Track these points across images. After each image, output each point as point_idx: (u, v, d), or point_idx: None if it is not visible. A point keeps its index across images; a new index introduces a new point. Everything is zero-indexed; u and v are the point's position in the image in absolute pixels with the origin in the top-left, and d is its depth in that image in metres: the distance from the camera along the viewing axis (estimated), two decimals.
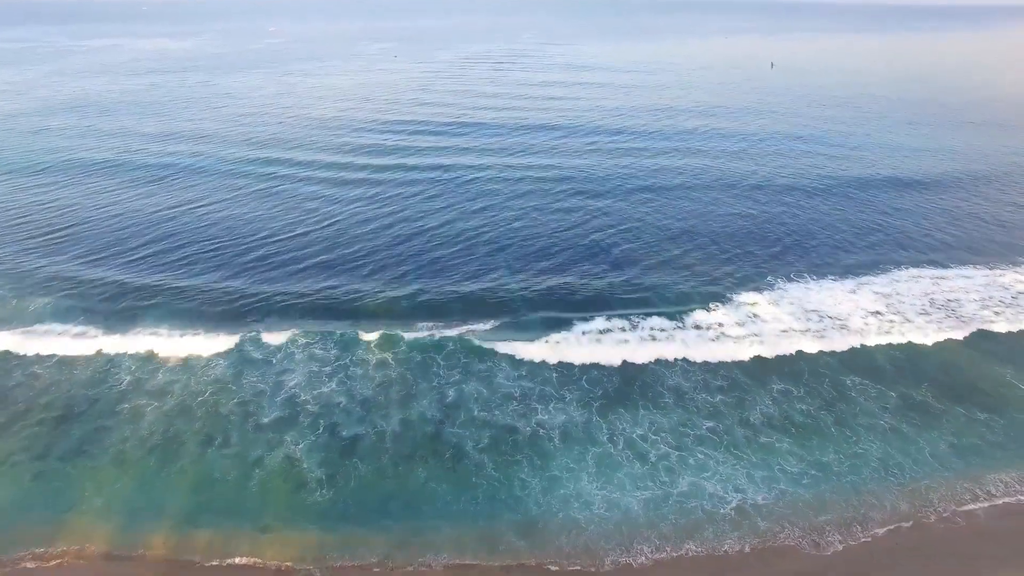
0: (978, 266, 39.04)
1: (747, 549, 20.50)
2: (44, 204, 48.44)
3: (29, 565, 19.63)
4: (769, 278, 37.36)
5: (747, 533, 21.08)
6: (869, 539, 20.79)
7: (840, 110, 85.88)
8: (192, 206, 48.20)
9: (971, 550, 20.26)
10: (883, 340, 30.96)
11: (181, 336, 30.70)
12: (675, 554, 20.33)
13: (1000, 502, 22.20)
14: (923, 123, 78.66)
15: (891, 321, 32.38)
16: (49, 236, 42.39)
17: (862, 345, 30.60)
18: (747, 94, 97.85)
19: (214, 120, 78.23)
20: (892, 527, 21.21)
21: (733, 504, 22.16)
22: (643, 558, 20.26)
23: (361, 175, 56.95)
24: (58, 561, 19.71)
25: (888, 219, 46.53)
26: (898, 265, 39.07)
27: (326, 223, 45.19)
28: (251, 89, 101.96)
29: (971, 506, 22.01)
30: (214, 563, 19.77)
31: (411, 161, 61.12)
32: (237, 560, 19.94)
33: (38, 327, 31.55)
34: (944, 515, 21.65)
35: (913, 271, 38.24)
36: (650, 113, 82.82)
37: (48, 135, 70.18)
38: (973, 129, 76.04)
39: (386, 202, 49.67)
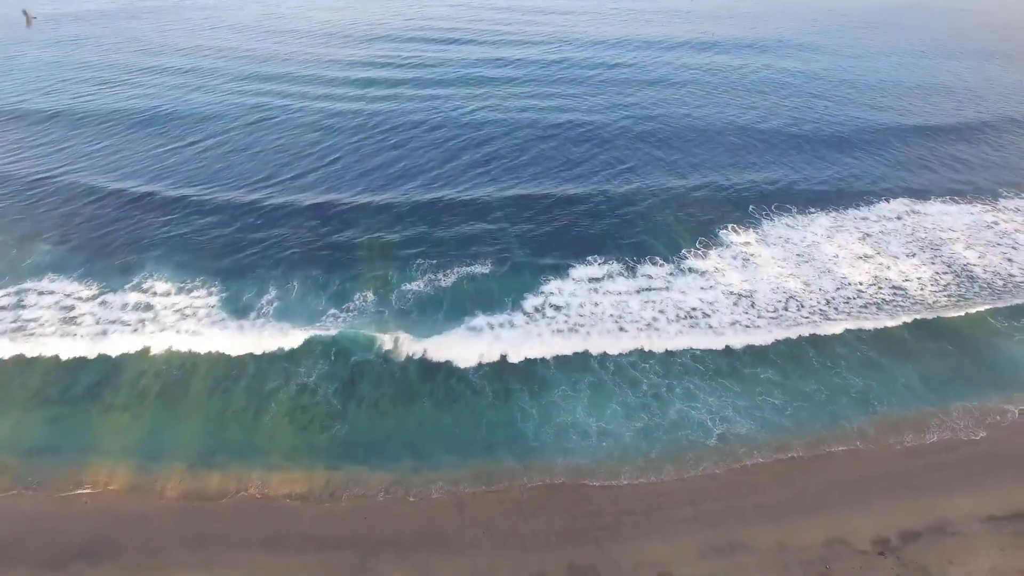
0: (959, 202, 39.20)
1: (723, 474, 22.17)
2: (31, 148, 47.05)
3: (58, 501, 21.12)
4: (753, 211, 37.75)
5: (723, 462, 22.71)
6: (839, 471, 22.30)
7: (839, 37, 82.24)
8: (186, 144, 46.89)
9: (932, 479, 21.85)
10: (870, 283, 31.61)
11: (183, 283, 30.95)
12: (655, 479, 22.02)
13: (961, 434, 23.79)
14: (930, 54, 75.56)
15: (880, 264, 32.94)
16: (40, 182, 41.50)
17: (848, 285, 31.33)
18: (749, 20, 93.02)
19: (198, 42, 74.42)
20: (860, 458, 22.77)
21: (717, 434, 23.76)
22: (625, 480, 21.98)
23: (354, 94, 56.24)
24: (85, 500, 21.20)
25: (873, 155, 45.98)
26: (882, 199, 39.27)
27: (324, 155, 44.65)
28: (233, 8, 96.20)
29: (934, 438, 23.55)
30: (227, 499, 21.29)
31: (404, 77, 60.14)
32: (249, 494, 21.48)
33: (31, 283, 31.16)
34: (909, 446, 23.22)
35: (899, 208, 38.44)
36: (645, 37, 79.11)
37: (20, 66, 66.87)
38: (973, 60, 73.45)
39: (379, 130, 48.81)
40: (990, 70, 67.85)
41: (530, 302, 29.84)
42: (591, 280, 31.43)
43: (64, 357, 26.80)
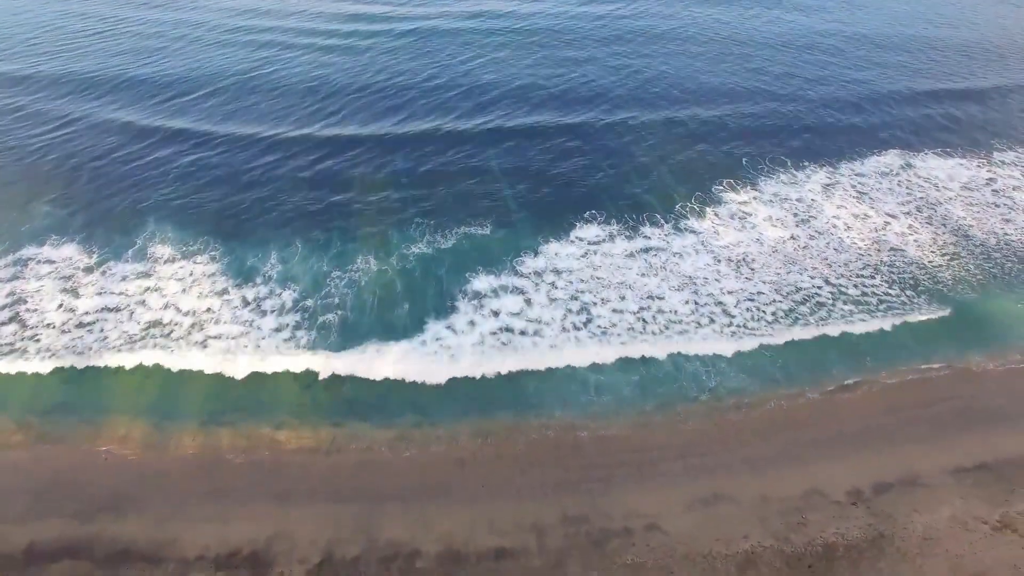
0: (953, 155, 39.05)
1: (713, 428, 23.28)
2: (22, 103, 45.96)
3: (80, 458, 22.30)
4: (748, 165, 37.74)
5: (714, 415, 23.86)
6: (822, 425, 23.32)
7: None
8: (184, 96, 45.95)
9: (907, 433, 22.91)
10: (869, 244, 31.85)
11: (185, 245, 31.07)
12: (648, 433, 23.10)
13: (941, 390, 24.79)
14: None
15: (877, 225, 33.03)
16: (36, 140, 40.89)
17: (848, 249, 31.52)
18: None
19: None
20: (843, 412, 23.78)
21: (709, 387, 24.88)
22: (619, 434, 23.09)
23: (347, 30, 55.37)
24: (105, 456, 22.36)
25: (869, 107, 45.00)
26: (876, 152, 39.15)
27: (323, 107, 44.15)
28: None
29: (915, 393, 24.52)
30: (239, 455, 22.46)
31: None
32: (259, 451, 22.61)
33: (32, 250, 30.95)
34: (890, 401, 24.21)
35: (894, 161, 38.27)
36: None
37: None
38: None
39: (379, 78, 47.95)
40: None
41: (529, 265, 30.04)
42: (591, 243, 31.48)
43: (69, 331, 26.98)
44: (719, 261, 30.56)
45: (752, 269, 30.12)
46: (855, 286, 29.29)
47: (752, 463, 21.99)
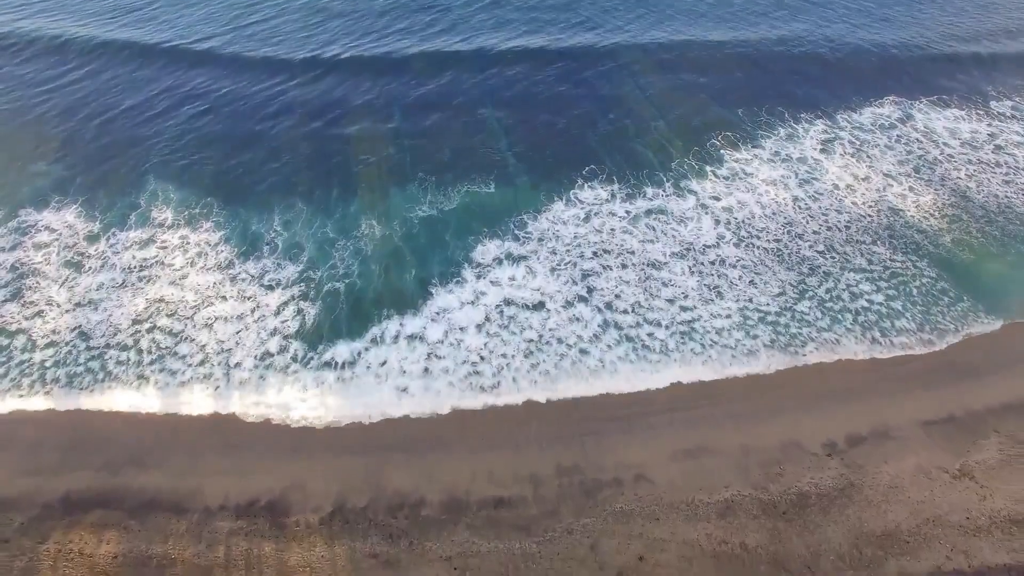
0: (953, 105, 38.98)
1: (702, 385, 24.51)
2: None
3: (99, 417, 23.65)
4: (744, 116, 37.71)
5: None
6: (806, 383, 24.42)
7: None
8: (176, 45, 44.90)
9: (884, 389, 24.11)
10: (869, 205, 32.17)
11: (187, 209, 31.21)
12: (640, 389, 24.44)
13: (921, 349, 25.81)
14: None
15: (877, 190, 33.11)
16: (29, 94, 40.29)
17: (847, 210, 31.80)
18: None
19: None
20: (826, 371, 24.89)
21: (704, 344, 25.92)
22: (612, 391, 24.34)
23: None
24: (121, 419, 23.67)
25: (867, 60, 44.08)
26: (874, 103, 39.06)
27: (319, 54, 43.49)
28: None
29: (897, 354, 25.48)
30: (250, 409, 23.86)
31: None
32: (269, 416, 23.70)
33: (30, 213, 30.78)
34: (872, 361, 25.21)
35: (892, 112, 38.17)
36: None
37: None
38: None
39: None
40: None
41: (532, 228, 30.35)
42: (592, 203, 31.70)
43: (72, 309, 27.10)
44: (719, 223, 30.88)
45: (750, 233, 30.48)
46: (860, 253, 29.54)
47: (736, 417, 23.23)
